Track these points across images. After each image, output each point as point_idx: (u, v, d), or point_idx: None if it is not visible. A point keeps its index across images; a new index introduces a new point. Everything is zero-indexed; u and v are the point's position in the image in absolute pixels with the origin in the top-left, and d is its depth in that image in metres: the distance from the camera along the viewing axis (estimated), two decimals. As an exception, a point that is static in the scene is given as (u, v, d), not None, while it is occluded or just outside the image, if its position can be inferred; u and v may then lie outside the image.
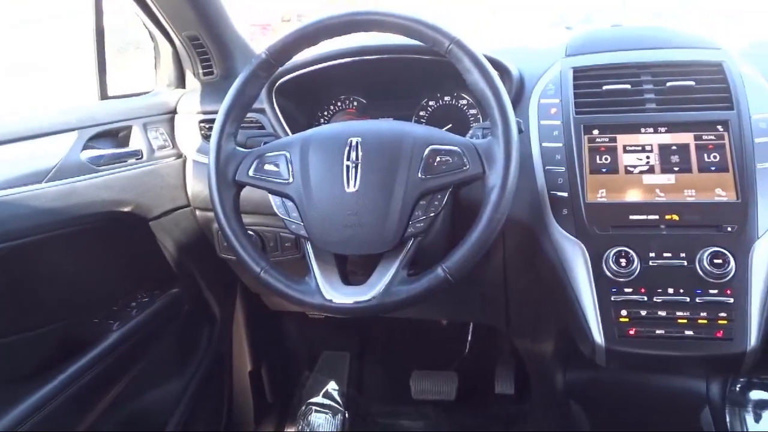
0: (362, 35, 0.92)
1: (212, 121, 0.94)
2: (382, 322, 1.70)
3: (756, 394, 1.64)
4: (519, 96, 1.04)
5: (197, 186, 1.24)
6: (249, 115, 1.10)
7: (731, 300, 0.83)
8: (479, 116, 1.18)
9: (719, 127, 0.92)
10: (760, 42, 1.13)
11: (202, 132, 1.23)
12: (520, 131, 0.84)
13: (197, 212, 1.27)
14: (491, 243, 0.79)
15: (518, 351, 1.38)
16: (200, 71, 1.29)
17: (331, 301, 0.82)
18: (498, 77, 0.82)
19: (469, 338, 1.68)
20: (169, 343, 1.32)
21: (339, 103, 1.25)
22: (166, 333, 1.30)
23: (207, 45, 1.24)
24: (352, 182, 0.82)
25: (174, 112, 1.28)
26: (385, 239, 0.81)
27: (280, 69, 0.95)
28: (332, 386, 1.71)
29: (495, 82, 0.81)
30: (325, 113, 1.26)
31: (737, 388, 1.64)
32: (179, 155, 1.26)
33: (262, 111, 1.16)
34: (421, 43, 0.85)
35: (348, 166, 0.83)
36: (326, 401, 1.69)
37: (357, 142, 0.84)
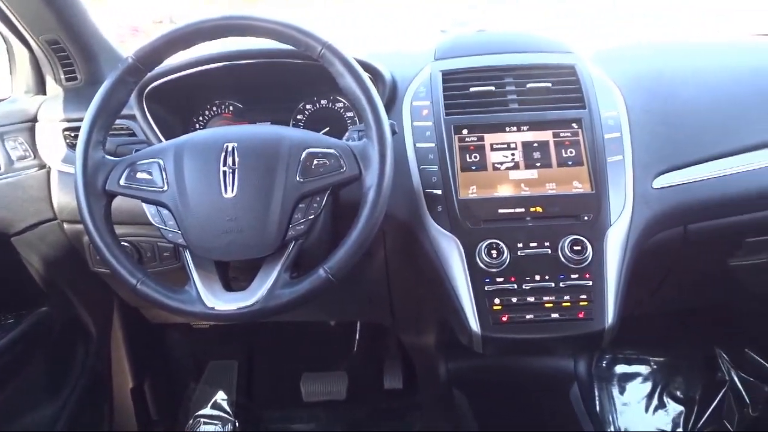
0: (238, 38, 0.92)
1: (77, 128, 0.90)
2: (269, 327, 1.69)
3: (620, 369, 1.79)
4: (392, 98, 1.08)
5: (64, 198, 1.17)
6: (118, 121, 1.06)
7: (590, 283, 0.91)
8: (356, 119, 1.20)
9: (574, 124, 1.00)
10: (607, 47, 1.24)
11: (67, 141, 1.16)
12: (394, 133, 0.87)
13: (65, 225, 1.19)
14: (371, 242, 0.81)
15: (404, 345, 1.43)
16: (62, 76, 1.21)
17: (213, 308, 0.81)
18: (370, 81, 0.85)
19: (357, 337, 1.71)
20: (40, 365, 1.24)
21: (214, 108, 1.23)
22: (36, 355, 1.22)
23: (68, 49, 1.17)
24: (229, 188, 0.81)
25: (34, 120, 1.20)
26: (266, 243, 0.81)
27: (151, 74, 0.92)
28: (221, 396, 1.68)
29: (367, 86, 0.84)
30: (200, 119, 1.23)
31: (604, 365, 1.79)
32: (42, 166, 1.18)
33: (132, 117, 1.12)
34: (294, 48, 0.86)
35: (225, 172, 0.82)
36: (215, 412, 1.65)
37: (233, 147, 0.83)
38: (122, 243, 0.88)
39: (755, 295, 1.57)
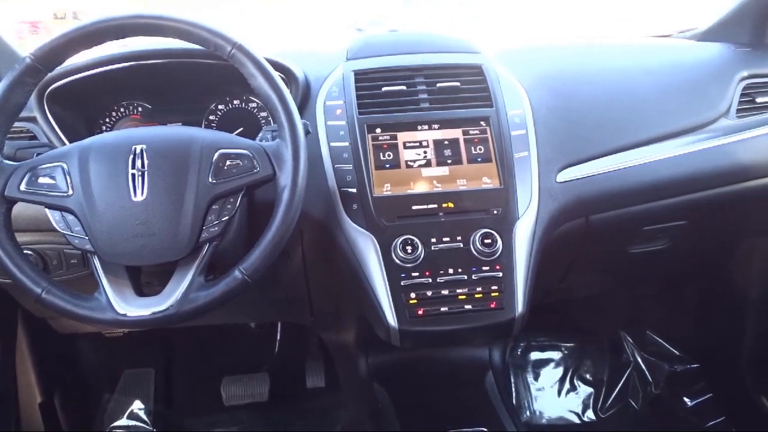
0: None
1: None
2: (187, 333, 1.66)
3: (534, 356, 1.87)
4: (306, 99, 1.08)
5: (-44, 206, 1.10)
6: (18, 124, 1.01)
7: (501, 274, 0.95)
8: (270, 119, 1.20)
9: (482, 122, 1.04)
10: (512, 48, 1.29)
11: (-41, 145, 1.10)
12: (307, 132, 0.88)
13: (-39, 235, 1.13)
14: (286, 241, 0.81)
15: (325, 344, 1.43)
16: (-48, 77, 1.14)
17: (125, 315, 0.79)
18: (281, 81, 0.85)
19: (278, 337, 1.70)
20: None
21: (121, 110, 1.19)
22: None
23: None
24: (139, 191, 0.79)
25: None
26: (179, 246, 0.80)
27: (52, 74, 0.89)
28: (137, 406, 1.63)
29: (279, 86, 0.84)
30: (107, 120, 1.19)
31: (519, 353, 1.86)
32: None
33: (32, 120, 1.06)
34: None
35: (133, 175, 0.80)
36: (132, 422, 1.60)
37: (142, 150, 0.81)
38: (25, 251, 0.84)
39: (653, 280, 1.68)
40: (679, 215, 1.20)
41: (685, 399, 1.75)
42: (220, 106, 1.19)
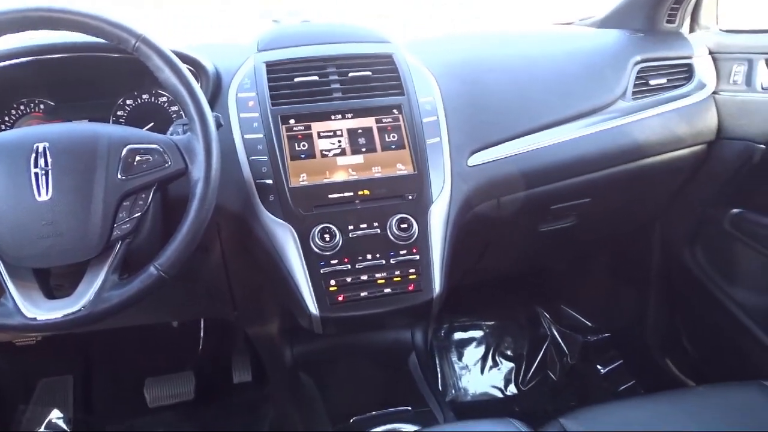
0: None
1: None
2: (106, 336, 1.61)
3: (457, 336, 1.93)
4: (217, 91, 1.07)
5: None
6: None
7: (418, 257, 0.98)
8: (182, 113, 1.18)
9: (394, 110, 1.06)
10: (422, 38, 1.32)
11: None
12: (219, 125, 0.87)
13: None
14: (202, 235, 0.81)
15: (250, 337, 1.43)
16: None
17: (34, 319, 0.76)
18: (189, 73, 0.84)
19: (202, 335, 1.68)
20: None
21: (21, 108, 1.14)
22: None
23: None
24: (43, 190, 0.77)
25: None
26: (90, 245, 0.78)
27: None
28: (56, 415, 1.57)
29: (187, 79, 0.83)
30: (6, 119, 1.13)
31: (442, 334, 1.91)
32: None
33: None
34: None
35: (37, 174, 0.77)
36: (50, 432, 1.54)
37: (44, 148, 0.79)
38: None
39: (563, 256, 1.76)
40: (583, 193, 1.27)
41: (598, 367, 1.86)
42: (128, 102, 1.16)
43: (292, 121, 1.03)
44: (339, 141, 1.03)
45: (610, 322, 1.89)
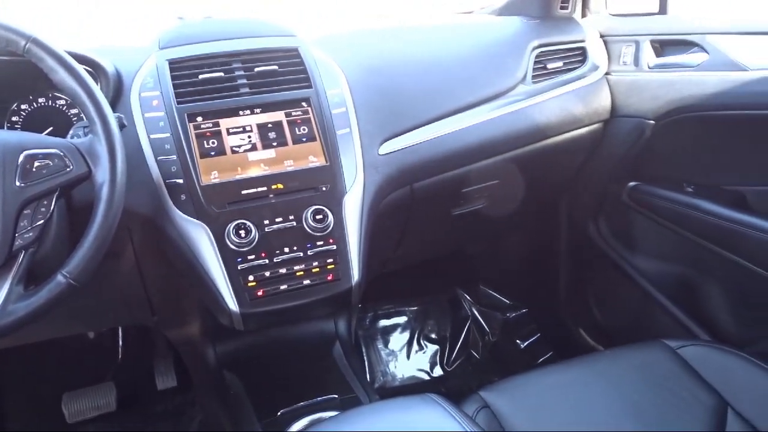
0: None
1: None
2: (18, 353, 1.53)
3: (382, 323, 1.96)
4: (119, 91, 1.04)
5: None
6: None
7: (335, 247, 0.99)
8: (82, 115, 1.14)
9: (303, 103, 1.07)
10: (328, 33, 1.32)
11: None
12: (122, 126, 0.85)
13: None
14: (111, 239, 0.79)
15: (172, 342, 1.40)
16: None
17: None
18: (87, 74, 0.82)
19: (120, 343, 1.63)
20: None
21: None
22: None
23: None
24: None
25: None
26: None
27: None
28: (-34, 440, 1.49)
29: (84, 80, 0.80)
30: None
31: (367, 323, 1.94)
32: None
33: None
34: None
35: None
36: (-40, 458, 1.46)
37: None
38: None
39: (478, 238, 1.83)
40: (492, 175, 1.32)
41: (518, 341, 1.94)
42: (23, 106, 1.11)
43: (199, 119, 1.01)
44: (249, 136, 1.03)
45: (526, 298, 1.98)
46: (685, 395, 0.99)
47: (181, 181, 0.97)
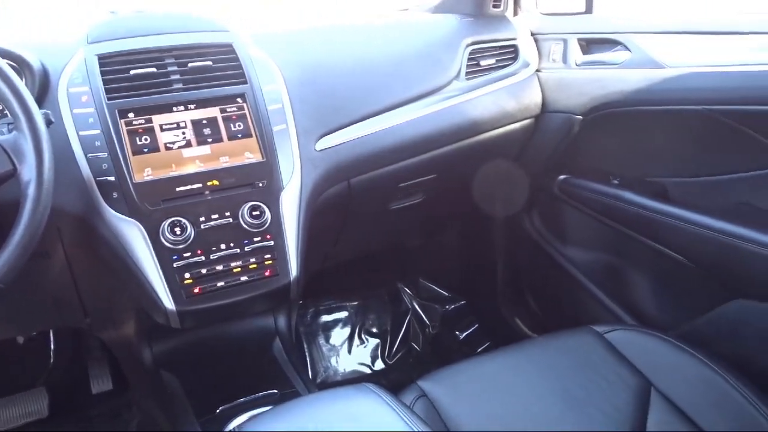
0: None
1: None
2: None
3: (323, 319, 1.97)
4: (45, 87, 1.01)
5: None
6: None
7: (272, 243, 0.99)
8: (6, 112, 1.10)
9: (238, 99, 1.06)
10: (264, 31, 1.31)
11: None
12: (50, 122, 0.83)
13: None
14: (38, 239, 0.77)
15: (107, 343, 1.37)
16: None
17: None
18: (9, 69, 0.79)
19: (52, 347, 1.58)
20: None
21: None
22: None
23: None
24: None
25: None
26: None
27: None
28: None
29: (7, 74, 0.78)
30: None
31: (308, 319, 1.94)
32: None
33: None
34: None
35: None
36: None
37: None
38: None
39: (416, 232, 1.86)
40: (429, 170, 1.34)
41: (457, 333, 1.98)
42: None
43: (131, 115, 1.00)
44: (183, 133, 1.02)
45: (465, 290, 2.02)
46: (611, 377, 1.04)
47: (112, 178, 0.95)
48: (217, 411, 1.15)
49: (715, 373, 1.03)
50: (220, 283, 0.95)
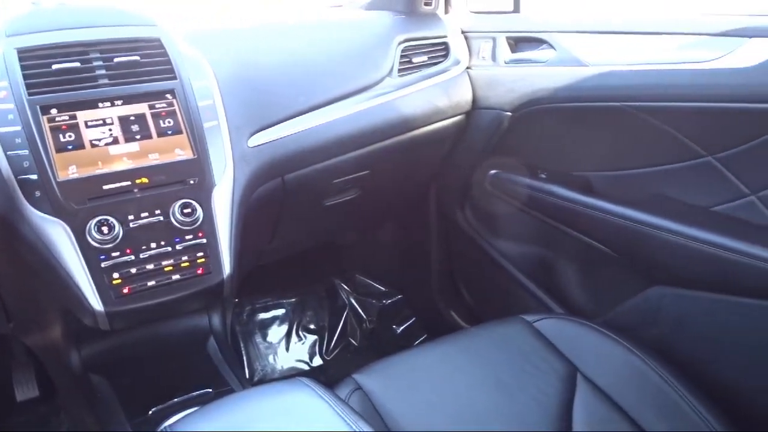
0: None
1: None
2: None
3: (260, 317, 1.96)
4: None
5: None
6: None
7: (204, 240, 0.98)
8: None
9: (168, 95, 1.04)
10: (195, 27, 1.29)
11: None
12: None
13: None
14: None
15: (32, 349, 1.32)
16: None
17: None
18: None
19: None
20: None
21: None
22: None
23: None
24: None
25: None
26: None
27: None
28: None
29: None
30: None
31: (245, 317, 1.92)
32: None
33: None
34: None
35: None
36: None
37: None
38: None
39: (352, 228, 1.87)
40: (363, 166, 1.36)
41: (394, 327, 2.01)
42: None
43: (54, 111, 0.96)
44: (110, 129, 0.99)
45: (401, 285, 2.05)
46: (540, 364, 1.08)
47: (35, 177, 0.92)
48: (150, 413, 1.13)
49: (635, 357, 1.08)
50: (151, 283, 0.94)
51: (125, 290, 0.92)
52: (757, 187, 1.11)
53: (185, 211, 0.97)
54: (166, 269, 0.95)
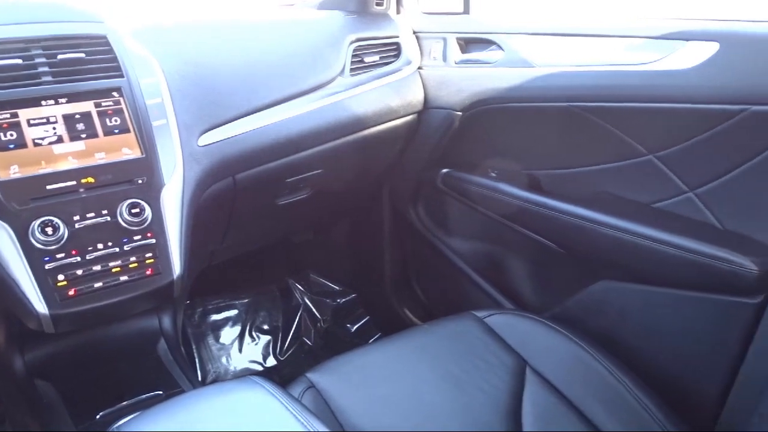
0: None
1: None
2: None
3: (212, 318, 1.93)
4: None
5: None
6: None
7: (153, 241, 0.97)
8: None
9: (114, 93, 1.02)
10: (143, 24, 1.26)
11: None
12: None
13: None
14: None
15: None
16: None
17: None
18: None
19: None
20: None
21: None
22: None
23: None
24: None
25: None
26: None
27: None
28: None
29: None
30: None
31: (196, 319, 1.90)
32: None
33: None
34: None
35: None
36: None
37: None
38: None
39: (306, 227, 1.87)
40: (315, 165, 1.36)
41: (348, 325, 2.01)
42: None
43: None
44: (54, 128, 0.96)
45: (355, 284, 2.05)
46: (491, 359, 1.11)
47: None
48: (98, 416, 1.11)
49: (582, 350, 1.12)
50: (98, 284, 0.92)
51: (71, 292, 0.90)
52: (695, 184, 1.16)
53: (133, 211, 0.96)
54: (113, 270, 0.93)
